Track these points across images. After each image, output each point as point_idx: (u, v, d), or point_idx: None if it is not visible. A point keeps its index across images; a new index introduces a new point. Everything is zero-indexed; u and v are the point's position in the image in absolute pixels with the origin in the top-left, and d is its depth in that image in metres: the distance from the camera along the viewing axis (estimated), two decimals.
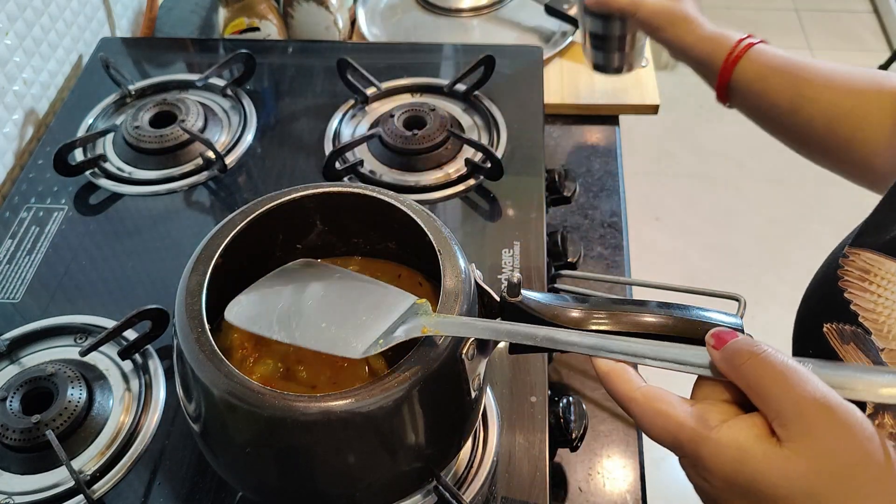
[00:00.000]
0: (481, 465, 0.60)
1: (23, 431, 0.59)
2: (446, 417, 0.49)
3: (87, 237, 0.78)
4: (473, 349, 0.47)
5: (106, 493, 0.59)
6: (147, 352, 0.67)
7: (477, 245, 0.75)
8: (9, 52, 0.87)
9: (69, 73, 0.99)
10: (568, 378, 0.76)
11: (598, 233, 0.89)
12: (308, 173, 0.84)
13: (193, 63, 0.98)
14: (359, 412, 0.43)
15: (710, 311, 0.49)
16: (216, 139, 0.87)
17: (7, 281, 0.74)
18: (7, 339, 0.68)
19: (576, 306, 0.49)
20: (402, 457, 0.48)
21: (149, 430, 0.63)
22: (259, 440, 0.46)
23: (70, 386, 0.62)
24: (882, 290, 0.47)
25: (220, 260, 0.50)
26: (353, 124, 0.90)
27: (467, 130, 0.88)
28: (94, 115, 0.90)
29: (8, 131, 0.88)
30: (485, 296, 0.50)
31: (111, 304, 0.71)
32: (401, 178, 0.82)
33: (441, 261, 0.49)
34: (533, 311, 0.48)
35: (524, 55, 0.96)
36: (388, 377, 0.43)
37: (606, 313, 0.48)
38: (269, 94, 0.93)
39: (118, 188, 0.82)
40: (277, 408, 0.42)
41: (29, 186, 0.82)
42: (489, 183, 0.81)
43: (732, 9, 2.89)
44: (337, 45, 1.03)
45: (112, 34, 1.08)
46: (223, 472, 0.53)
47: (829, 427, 0.33)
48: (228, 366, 0.44)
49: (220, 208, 0.81)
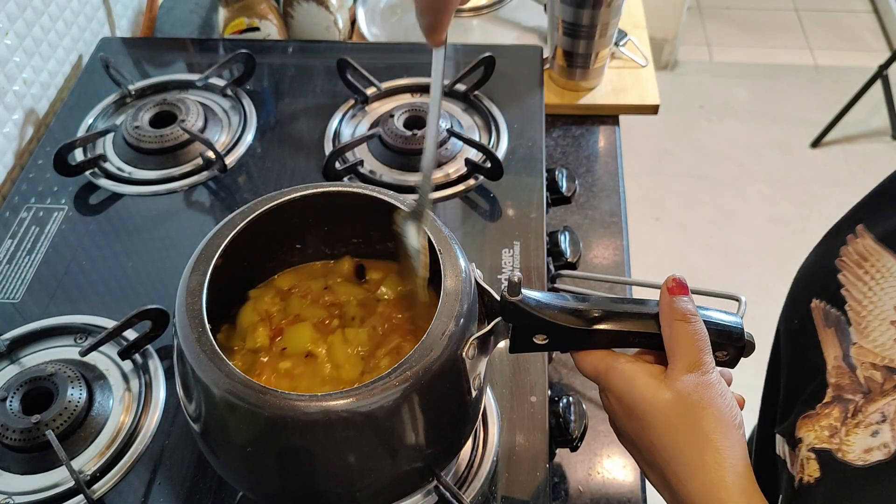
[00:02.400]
0: (481, 464, 0.60)
1: (23, 431, 0.59)
2: (446, 417, 0.49)
3: (87, 237, 0.78)
4: (474, 349, 0.47)
5: (106, 493, 0.59)
6: (147, 352, 0.67)
7: (477, 245, 0.75)
8: (9, 52, 0.87)
9: (69, 73, 0.99)
10: (568, 378, 0.76)
11: (598, 233, 0.89)
12: (308, 173, 0.84)
13: (193, 63, 0.98)
14: (359, 411, 0.43)
15: (710, 311, 0.50)
16: (216, 139, 0.87)
17: (7, 281, 0.74)
18: (7, 339, 0.68)
19: (575, 305, 0.49)
20: (403, 456, 0.48)
21: (149, 430, 0.63)
22: (259, 440, 0.46)
23: (70, 386, 0.62)
24: (873, 284, 0.48)
25: (220, 260, 0.50)
26: (353, 124, 0.90)
27: (467, 130, 0.88)
28: (94, 115, 0.90)
29: (8, 131, 0.88)
30: (485, 295, 0.50)
31: (111, 304, 0.71)
32: (401, 178, 0.82)
33: (441, 261, 0.49)
34: (533, 309, 0.48)
35: (524, 55, 0.96)
36: (389, 376, 0.43)
37: (607, 311, 0.49)
38: (269, 94, 0.93)
39: (118, 188, 0.82)
40: (278, 407, 0.42)
41: (29, 186, 0.82)
42: (489, 183, 0.81)
43: (732, 9, 2.89)
44: (337, 45, 1.03)
45: (112, 34, 1.08)
46: (223, 472, 0.53)
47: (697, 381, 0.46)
48: (229, 365, 0.44)
49: (220, 208, 0.81)
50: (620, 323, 0.49)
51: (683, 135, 2.42)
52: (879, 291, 0.48)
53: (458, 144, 0.84)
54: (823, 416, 0.47)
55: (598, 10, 0.92)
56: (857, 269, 0.50)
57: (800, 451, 0.48)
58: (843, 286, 0.50)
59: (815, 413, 0.48)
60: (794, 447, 0.49)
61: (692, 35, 2.75)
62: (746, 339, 0.49)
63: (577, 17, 0.93)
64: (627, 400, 0.47)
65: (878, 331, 0.47)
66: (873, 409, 0.44)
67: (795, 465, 0.48)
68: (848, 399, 0.46)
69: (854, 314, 0.49)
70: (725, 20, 2.85)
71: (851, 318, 0.49)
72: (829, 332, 0.50)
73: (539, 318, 0.48)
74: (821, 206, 2.20)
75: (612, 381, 0.48)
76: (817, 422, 0.47)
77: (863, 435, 0.44)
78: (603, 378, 0.49)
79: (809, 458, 0.47)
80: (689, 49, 2.69)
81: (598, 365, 0.49)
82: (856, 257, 0.51)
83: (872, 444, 0.43)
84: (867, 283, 0.49)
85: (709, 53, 2.70)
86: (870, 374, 0.46)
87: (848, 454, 0.44)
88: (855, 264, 0.50)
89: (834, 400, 0.47)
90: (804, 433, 0.48)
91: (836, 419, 0.46)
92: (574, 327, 0.49)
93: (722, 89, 2.56)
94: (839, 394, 0.47)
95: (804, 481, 0.46)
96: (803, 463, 0.47)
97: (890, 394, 0.44)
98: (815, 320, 0.52)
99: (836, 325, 0.50)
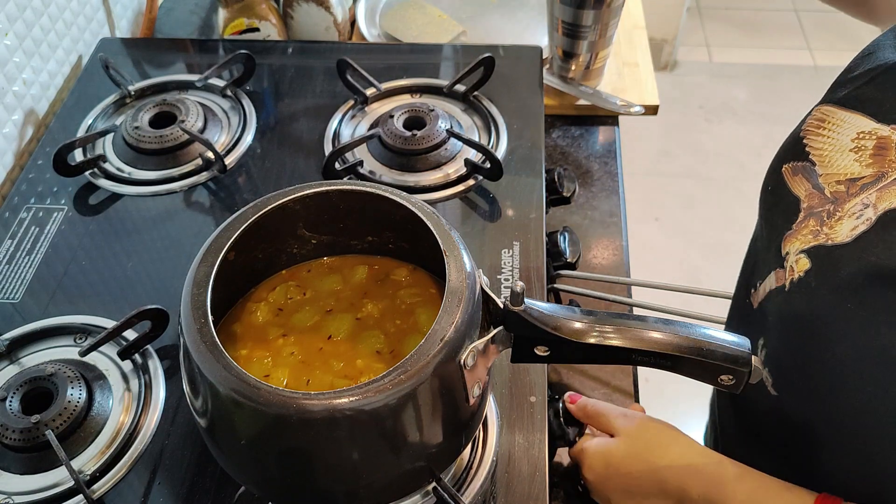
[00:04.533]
0: (481, 465, 0.60)
1: (23, 431, 0.59)
2: (443, 422, 0.49)
3: (86, 237, 0.78)
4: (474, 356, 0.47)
5: (106, 493, 0.59)
6: (147, 352, 0.67)
7: (476, 245, 0.76)
8: (9, 52, 0.87)
9: (69, 73, 0.99)
10: (568, 378, 0.77)
11: (597, 233, 0.89)
12: (308, 174, 0.84)
13: (193, 63, 0.98)
14: (363, 409, 0.43)
15: (713, 331, 0.49)
16: (216, 139, 0.87)
17: (7, 281, 0.74)
18: (7, 339, 0.68)
19: (580, 318, 0.48)
20: (405, 455, 0.48)
21: (149, 430, 0.63)
22: (257, 435, 0.46)
23: (70, 386, 0.62)
24: (830, 133, 0.56)
25: (230, 254, 0.50)
26: (353, 125, 0.90)
27: (467, 131, 0.88)
28: (93, 115, 0.90)
29: (7, 132, 0.88)
30: (490, 302, 0.49)
31: (111, 304, 0.72)
32: (400, 178, 0.82)
33: (446, 261, 0.48)
34: (536, 321, 0.47)
35: (524, 55, 0.96)
36: (392, 374, 0.43)
37: (611, 327, 0.48)
38: (268, 95, 0.93)
39: (118, 188, 0.82)
40: (281, 405, 0.42)
41: (29, 187, 0.82)
42: (489, 183, 0.81)
43: (732, 9, 2.89)
44: (337, 45, 1.03)
45: (112, 34, 1.09)
46: (227, 467, 0.53)
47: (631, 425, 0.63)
48: (227, 358, 0.44)
49: (220, 209, 0.81)
50: (624, 340, 0.48)
51: (683, 135, 2.42)
52: (836, 135, 0.55)
53: (457, 145, 0.84)
54: (803, 228, 0.54)
55: (598, 11, 0.92)
56: (817, 130, 0.57)
57: (787, 261, 0.54)
58: (807, 144, 0.57)
59: (793, 231, 0.55)
60: (782, 264, 0.55)
61: (691, 35, 2.75)
62: (753, 365, 0.47)
63: (577, 18, 0.93)
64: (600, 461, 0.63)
65: (839, 160, 0.54)
66: (850, 205, 0.51)
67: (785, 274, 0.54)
68: (818, 211, 0.53)
69: (817, 157, 0.56)
70: (725, 21, 2.86)
71: (815, 160, 0.56)
72: (798, 179, 0.57)
73: (541, 329, 0.48)
74: None
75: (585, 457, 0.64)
76: (799, 233, 0.54)
77: (848, 222, 0.50)
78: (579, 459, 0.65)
79: (799, 258, 0.53)
80: (689, 49, 2.69)
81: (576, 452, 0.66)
82: (815, 123, 0.57)
83: (857, 224, 0.49)
84: (825, 135, 0.56)
85: (708, 54, 2.71)
86: (835, 189, 0.53)
87: (836, 238, 0.50)
88: (815, 128, 0.57)
89: (807, 216, 0.54)
90: (789, 246, 0.54)
91: (814, 225, 0.53)
92: (577, 341, 0.48)
93: (721, 90, 2.56)
94: (811, 210, 0.54)
95: (794, 279, 0.53)
96: (792, 268, 0.52)
97: (858, 195, 0.51)
98: (786, 176, 0.58)
99: (803, 172, 0.56)
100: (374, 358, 0.54)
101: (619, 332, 0.48)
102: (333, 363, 0.53)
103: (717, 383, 0.49)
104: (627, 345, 0.48)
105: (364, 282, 0.59)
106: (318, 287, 0.59)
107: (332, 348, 0.54)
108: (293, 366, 0.53)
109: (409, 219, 0.52)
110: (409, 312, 0.57)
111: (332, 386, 0.51)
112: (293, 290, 0.59)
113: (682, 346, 0.48)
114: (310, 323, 0.56)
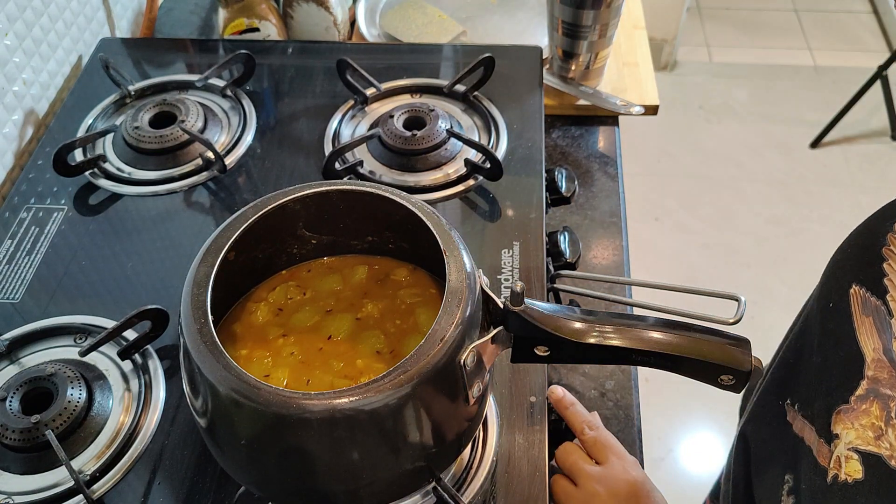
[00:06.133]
0: (481, 465, 0.60)
1: (22, 431, 0.59)
2: (449, 416, 0.49)
3: (86, 237, 0.78)
4: (474, 356, 0.47)
5: (106, 493, 0.59)
6: (147, 352, 0.67)
7: (476, 245, 0.76)
8: (9, 52, 0.87)
9: (69, 73, 0.99)
10: (567, 378, 0.77)
11: (597, 233, 0.89)
12: (308, 174, 0.84)
13: (193, 63, 0.98)
14: (363, 409, 0.43)
15: (713, 331, 0.49)
16: (216, 139, 0.87)
17: (7, 281, 0.74)
18: (7, 339, 0.68)
19: (580, 318, 0.48)
20: (405, 455, 0.48)
21: (148, 430, 0.63)
22: (264, 436, 0.46)
23: (70, 386, 0.62)
24: None
25: (230, 254, 0.50)
26: (353, 125, 0.90)
27: (467, 131, 0.88)
28: (93, 115, 0.90)
29: (7, 132, 0.88)
30: (490, 302, 0.49)
31: (111, 304, 0.72)
32: (400, 178, 0.82)
33: (446, 261, 0.48)
34: (536, 321, 0.47)
35: (524, 55, 0.96)
36: (392, 374, 0.43)
37: (611, 327, 0.48)
38: (268, 95, 0.93)
39: (118, 188, 0.82)
40: (281, 405, 0.42)
41: (29, 187, 0.82)
42: (489, 183, 0.81)
43: (732, 9, 2.89)
44: (337, 45, 1.03)
45: (112, 34, 1.09)
46: (227, 467, 0.53)
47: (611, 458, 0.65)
48: (227, 358, 0.44)
49: (220, 209, 0.81)
50: (624, 340, 0.48)
51: (683, 135, 2.42)
52: None
53: (457, 145, 0.84)
54: (862, 413, 0.45)
55: (598, 11, 0.92)
56: None
57: (836, 446, 0.46)
58: (887, 275, 0.47)
59: (850, 408, 0.46)
60: (830, 442, 0.47)
61: (691, 35, 2.75)
62: (753, 365, 0.47)
63: (577, 18, 0.93)
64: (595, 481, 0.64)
65: None
66: None
67: (830, 460, 0.46)
68: (885, 394, 0.44)
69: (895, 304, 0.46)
70: (725, 21, 2.86)
71: (893, 309, 0.46)
72: (867, 321, 0.47)
73: (541, 329, 0.48)
74: (820, 207, 2.20)
75: (581, 478, 0.65)
76: (856, 419, 0.45)
77: None
78: (572, 476, 0.66)
79: (850, 457, 0.45)
80: (689, 49, 2.69)
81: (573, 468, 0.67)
82: None
83: None
84: None
85: (708, 54, 2.71)
86: None
87: None
88: None
89: (869, 393, 0.45)
90: (842, 430, 0.46)
91: (877, 418, 0.44)
92: (577, 341, 0.48)
93: (721, 90, 2.56)
94: (875, 387, 0.45)
95: (840, 479, 0.45)
96: (840, 460, 0.45)
97: None
98: (853, 306, 0.49)
99: (875, 315, 0.47)
100: (374, 358, 0.54)
101: (619, 332, 0.48)
102: (333, 363, 0.53)
103: (717, 383, 0.48)
104: (627, 345, 0.48)
105: (364, 282, 0.59)
106: (318, 287, 0.59)
107: (332, 348, 0.54)
108: (293, 366, 0.53)
109: (409, 219, 0.52)
110: (409, 312, 0.57)
111: (332, 386, 0.52)
112: (293, 290, 0.59)
113: (682, 346, 0.48)
114: (310, 323, 0.56)
